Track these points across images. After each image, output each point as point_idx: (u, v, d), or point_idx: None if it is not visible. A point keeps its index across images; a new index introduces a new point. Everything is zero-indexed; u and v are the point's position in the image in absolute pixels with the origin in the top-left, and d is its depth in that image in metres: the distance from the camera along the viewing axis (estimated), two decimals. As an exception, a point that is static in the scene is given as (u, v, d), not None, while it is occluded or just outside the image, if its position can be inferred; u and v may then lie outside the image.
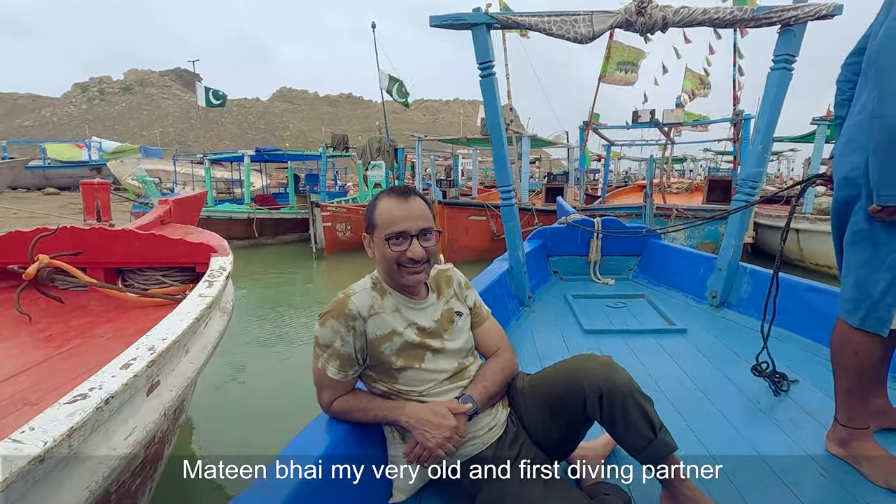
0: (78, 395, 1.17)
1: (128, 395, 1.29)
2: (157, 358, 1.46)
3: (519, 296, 3.17)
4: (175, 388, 1.61)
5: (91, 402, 1.14)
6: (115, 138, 42.70)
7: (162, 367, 1.53)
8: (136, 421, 1.35)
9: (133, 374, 1.32)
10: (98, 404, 1.14)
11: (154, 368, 1.44)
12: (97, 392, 1.19)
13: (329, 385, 1.31)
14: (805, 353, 2.43)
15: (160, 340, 1.56)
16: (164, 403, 1.50)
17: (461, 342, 1.41)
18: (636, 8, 2.53)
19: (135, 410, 1.37)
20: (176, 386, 1.62)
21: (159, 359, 1.47)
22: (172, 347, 1.58)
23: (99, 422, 1.16)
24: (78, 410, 1.11)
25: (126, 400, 1.30)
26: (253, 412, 3.43)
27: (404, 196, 1.33)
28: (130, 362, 1.38)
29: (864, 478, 1.49)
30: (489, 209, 8.47)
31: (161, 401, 1.50)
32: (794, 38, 2.52)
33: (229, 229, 9.68)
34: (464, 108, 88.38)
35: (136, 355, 1.43)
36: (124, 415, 1.32)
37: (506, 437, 1.35)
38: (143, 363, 1.38)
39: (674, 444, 1.26)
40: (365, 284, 1.35)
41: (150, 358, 1.42)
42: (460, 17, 2.65)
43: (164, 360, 1.51)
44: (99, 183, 3.71)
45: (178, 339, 1.63)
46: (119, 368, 1.34)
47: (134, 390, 1.34)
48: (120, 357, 1.40)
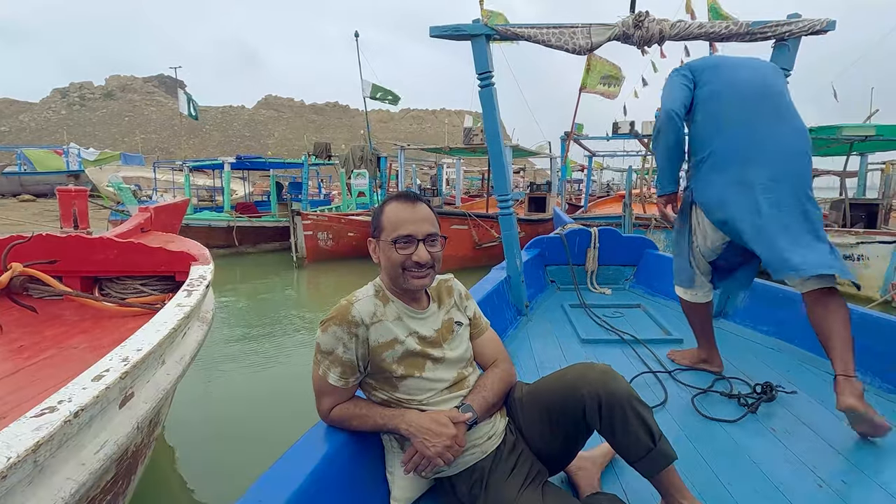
0: (46, 409, 1.14)
1: (99, 407, 1.27)
2: (132, 369, 1.43)
3: (516, 305, 3.18)
4: (150, 400, 1.58)
5: (59, 416, 1.11)
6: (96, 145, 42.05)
7: (136, 378, 1.50)
8: (108, 435, 1.33)
9: (105, 385, 1.29)
10: (66, 417, 1.12)
11: (128, 380, 1.41)
12: (66, 405, 1.16)
13: (329, 392, 1.30)
14: (802, 363, 2.46)
15: (135, 351, 1.53)
16: (138, 416, 1.47)
17: (461, 351, 1.42)
18: (634, 21, 2.57)
19: (106, 423, 1.34)
20: (151, 398, 1.59)
21: (133, 370, 1.44)
22: (148, 358, 1.55)
23: (67, 436, 1.13)
24: (45, 424, 1.08)
25: (97, 413, 1.27)
26: (230, 425, 3.37)
27: (412, 201, 1.35)
28: (103, 374, 1.35)
29: (875, 483, 1.51)
30: (471, 218, 8.50)
31: (134, 413, 1.47)
32: (789, 53, 2.56)
33: (209, 237, 9.55)
34: (449, 117, 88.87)
35: (110, 366, 1.40)
36: (95, 428, 1.29)
37: (504, 447, 1.35)
38: (115, 375, 1.35)
39: (673, 453, 1.27)
40: (367, 291, 1.35)
41: (123, 369, 1.39)
42: (460, 28, 2.67)
43: (138, 371, 1.49)
44: (76, 190, 3.64)
45: (154, 350, 1.60)
46: (91, 380, 1.31)
47: (106, 403, 1.31)
48: (92, 368, 1.37)
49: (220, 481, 2.69)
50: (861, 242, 5.94)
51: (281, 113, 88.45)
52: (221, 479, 2.72)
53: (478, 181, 25.72)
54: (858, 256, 5.98)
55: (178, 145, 53.97)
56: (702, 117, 2.13)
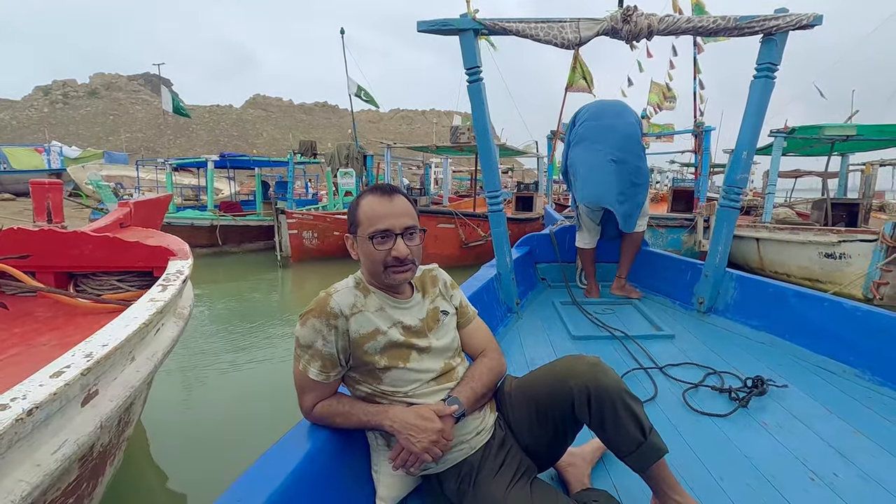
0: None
1: (57, 405, 1.19)
2: (94, 365, 1.35)
3: (507, 302, 3.14)
4: (116, 398, 1.50)
5: (10, 414, 1.03)
6: (79, 143, 41.32)
7: (100, 375, 1.43)
8: (68, 434, 1.25)
9: (64, 382, 1.22)
10: (19, 416, 1.04)
11: (90, 377, 1.34)
12: (19, 402, 1.08)
13: (311, 388, 1.25)
14: (793, 358, 2.45)
15: (100, 347, 1.45)
16: (102, 414, 1.39)
17: (447, 341, 1.37)
18: (622, 16, 2.54)
19: (66, 422, 1.26)
20: (117, 396, 1.51)
21: (97, 366, 1.37)
22: (114, 354, 1.48)
23: (20, 434, 1.06)
24: (-6, 422, 1.00)
25: (55, 411, 1.19)
26: (212, 424, 3.29)
27: (388, 194, 1.29)
28: (63, 370, 1.27)
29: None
30: (458, 217, 8.45)
31: (98, 412, 1.39)
32: (776, 48, 2.56)
33: (191, 237, 9.37)
34: (438, 118, 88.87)
35: (71, 362, 1.33)
36: (53, 427, 1.21)
37: (493, 442, 1.31)
38: (76, 371, 1.28)
39: (664, 447, 1.23)
40: (348, 283, 1.30)
41: (85, 365, 1.32)
42: (448, 23, 2.62)
43: (102, 367, 1.41)
44: (50, 182, 3.53)
45: (121, 346, 1.52)
46: (49, 377, 1.23)
47: (65, 400, 1.24)
48: (52, 364, 1.29)
49: (201, 482, 2.61)
50: (843, 241, 5.97)
51: (269, 113, 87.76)
52: (202, 479, 2.63)
53: (467, 181, 25.67)
54: (841, 255, 6.01)
55: (164, 145, 53.21)
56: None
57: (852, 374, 2.20)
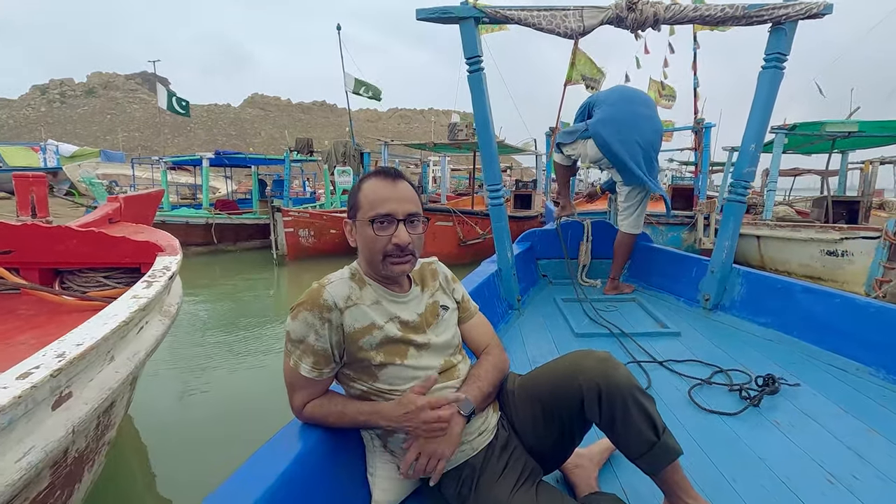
0: (-49, 410, 0.97)
1: (22, 409, 1.10)
2: (67, 366, 1.26)
3: (508, 299, 3.07)
4: (92, 400, 1.41)
5: (-35, 419, 0.95)
6: (77, 142, 41.02)
7: (74, 376, 1.33)
8: (35, 440, 1.16)
9: (31, 384, 1.13)
10: (-26, 421, 0.95)
11: (61, 378, 1.25)
12: (-23, 406, 1.00)
13: (302, 386, 1.16)
14: (803, 355, 2.37)
15: (74, 346, 1.36)
16: (75, 418, 1.30)
17: (447, 337, 1.29)
18: (627, 4, 2.47)
19: (34, 427, 1.17)
20: (93, 398, 1.42)
21: (69, 367, 1.27)
22: (89, 354, 1.38)
23: (-24, 441, 0.97)
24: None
25: (19, 415, 1.10)
26: (203, 427, 3.20)
27: (392, 178, 1.21)
28: (31, 371, 1.18)
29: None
30: (456, 215, 8.37)
31: (71, 415, 1.30)
32: (786, 37, 2.50)
33: (186, 235, 9.28)
34: (437, 116, 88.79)
35: (41, 363, 1.23)
36: (19, 433, 1.12)
37: (496, 443, 1.23)
38: (45, 372, 1.19)
39: (678, 448, 1.15)
40: (342, 274, 1.22)
41: (56, 366, 1.23)
42: (448, 11, 2.54)
43: (76, 368, 1.32)
44: (34, 176, 3.44)
45: (98, 345, 1.43)
46: (15, 378, 1.14)
47: (33, 404, 1.15)
48: (19, 365, 1.20)
49: (190, 485, 2.51)
50: (845, 238, 5.89)
51: (267, 112, 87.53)
52: (192, 482, 2.54)
53: (465, 180, 25.58)
54: (843, 252, 5.94)
55: (162, 144, 53.04)
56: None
57: (865, 372, 2.13)
